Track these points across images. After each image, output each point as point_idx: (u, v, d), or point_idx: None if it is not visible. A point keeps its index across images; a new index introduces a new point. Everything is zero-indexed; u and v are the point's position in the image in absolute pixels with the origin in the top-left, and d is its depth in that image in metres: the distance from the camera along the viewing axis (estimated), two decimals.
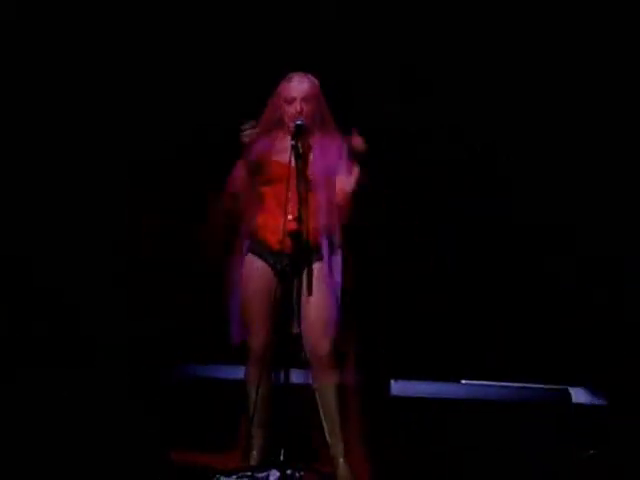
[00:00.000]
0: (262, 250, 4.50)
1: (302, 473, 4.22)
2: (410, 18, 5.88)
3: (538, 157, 5.91)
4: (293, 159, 4.35)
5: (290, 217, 4.36)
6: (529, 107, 5.89)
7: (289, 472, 4.20)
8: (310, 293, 4.32)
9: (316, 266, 4.42)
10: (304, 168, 4.41)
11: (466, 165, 5.97)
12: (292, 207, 4.36)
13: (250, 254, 4.53)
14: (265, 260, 4.50)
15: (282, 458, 4.27)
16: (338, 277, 4.47)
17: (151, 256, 5.96)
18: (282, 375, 4.27)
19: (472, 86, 5.90)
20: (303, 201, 4.34)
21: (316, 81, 4.58)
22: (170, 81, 5.95)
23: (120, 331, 5.77)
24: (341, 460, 4.47)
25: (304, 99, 4.49)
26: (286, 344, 4.38)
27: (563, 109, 5.86)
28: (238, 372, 4.73)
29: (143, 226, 5.94)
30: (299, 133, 4.37)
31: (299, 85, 4.52)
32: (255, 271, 4.52)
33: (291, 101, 4.49)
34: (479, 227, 5.95)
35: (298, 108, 4.48)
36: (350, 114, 4.77)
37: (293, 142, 4.37)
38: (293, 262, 4.37)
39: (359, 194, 4.49)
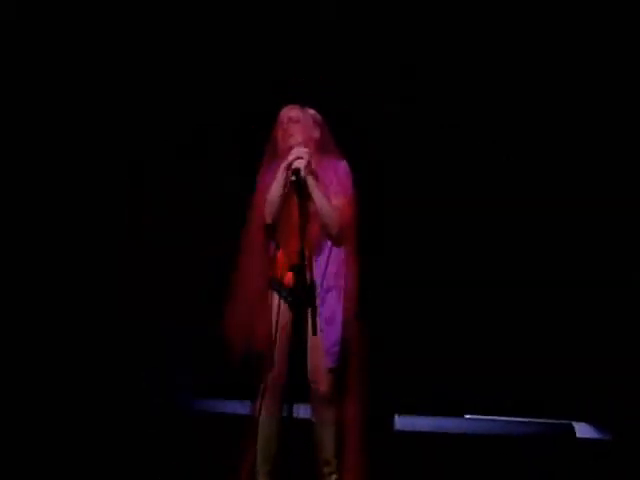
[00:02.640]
0: (276, 285, 4.55)
1: None
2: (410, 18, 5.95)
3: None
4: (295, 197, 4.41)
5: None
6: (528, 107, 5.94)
7: None
8: (315, 333, 4.34)
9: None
10: (304, 203, 4.45)
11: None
12: (294, 242, 4.40)
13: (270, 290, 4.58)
14: (279, 294, 4.55)
15: None
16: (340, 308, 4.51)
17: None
18: (288, 409, 4.28)
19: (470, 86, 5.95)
20: (304, 235, 4.38)
21: (313, 111, 4.63)
22: (170, 82, 5.99)
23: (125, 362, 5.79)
24: None
25: (302, 144, 4.56)
26: (293, 378, 4.39)
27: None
28: (240, 407, 4.75)
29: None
30: (298, 185, 4.43)
31: (297, 114, 4.58)
32: (273, 306, 4.56)
33: (291, 147, 4.56)
34: (480, 258, 5.98)
35: (297, 141, 4.54)
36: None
37: (293, 178, 4.42)
38: (295, 296, 4.40)
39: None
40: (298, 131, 4.56)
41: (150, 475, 4.84)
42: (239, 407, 5.13)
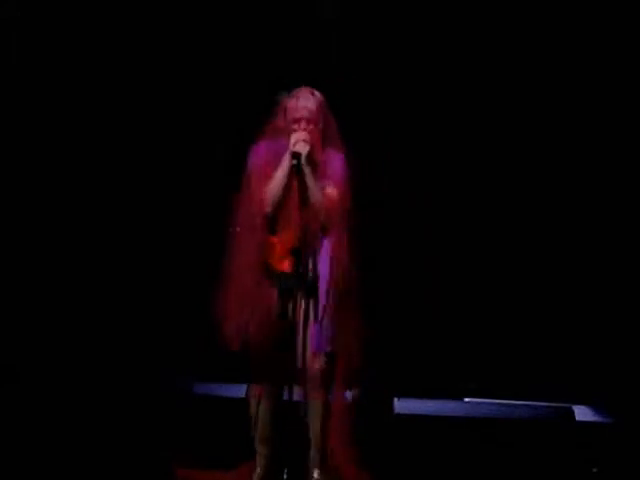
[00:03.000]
0: (271, 271, 4.54)
1: None
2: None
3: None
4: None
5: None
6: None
7: None
8: (316, 318, 4.35)
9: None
10: (303, 189, 4.44)
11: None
12: (291, 228, 4.41)
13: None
14: (275, 280, 4.54)
15: (285, 477, 4.28)
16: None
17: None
18: (286, 393, 4.29)
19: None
20: (304, 220, 4.39)
21: (321, 98, 4.62)
22: (171, 83, 5.98)
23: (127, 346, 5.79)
24: (316, 471, 4.49)
25: (309, 120, 4.54)
26: (291, 362, 4.38)
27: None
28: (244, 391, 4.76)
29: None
30: (298, 168, 4.41)
31: (305, 102, 4.56)
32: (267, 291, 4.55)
33: (296, 121, 4.54)
34: (482, 242, 5.97)
35: (302, 128, 4.52)
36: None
37: (295, 162, 4.40)
38: (292, 281, 4.40)
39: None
40: (305, 117, 4.54)
41: (150, 458, 4.85)
42: (235, 391, 5.16)
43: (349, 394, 4.63)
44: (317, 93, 4.60)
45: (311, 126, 4.51)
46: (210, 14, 6.00)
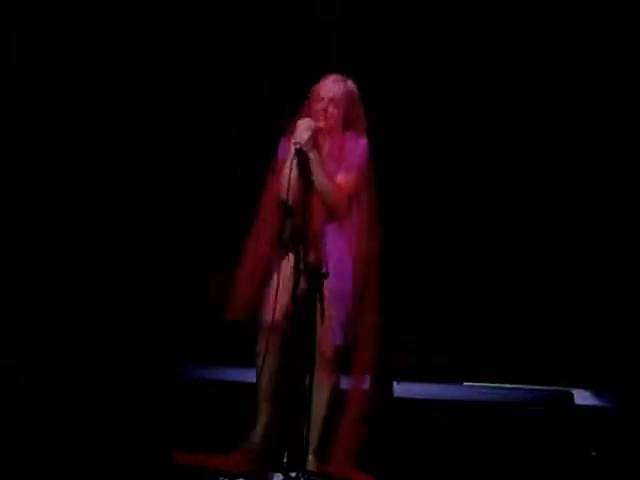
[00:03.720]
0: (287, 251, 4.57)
1: (306, 476, 4.22)
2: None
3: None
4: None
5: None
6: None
7: (293, 475, 4.20)
8: (322, 314, 4.35)
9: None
10: (306, 177, 4.45)
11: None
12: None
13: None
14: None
15: (285, 460, 4.28)
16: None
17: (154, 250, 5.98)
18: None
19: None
20: (306, 208, 4.40)
21: (352, 85, 4.62)
22: (171, 83, 5.97)
23: (125, 331, 5.78)
24: (310, 457, 4.49)
25: (332, 100, 4.55)
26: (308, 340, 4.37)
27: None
28: (243, 375, 4.74)
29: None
30: (299, 157, 4.41)
31: (332, 86, 4.56)
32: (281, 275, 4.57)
33: (319, 100, 4.55)
34: (480, 227, 5.96)
35: (324, 107, 4.52)
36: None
37: (298, 146, 4.40)
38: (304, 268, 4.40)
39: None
40: (328, 97, 4.54)
41: (149, 443, 4.85)
42: (238, 375, 5.16)
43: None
44: (349, 81, 4.61)
45: (331, 108, 4.53)
46: (210, 14, 6.00)
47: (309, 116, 4.51)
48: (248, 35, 5.99)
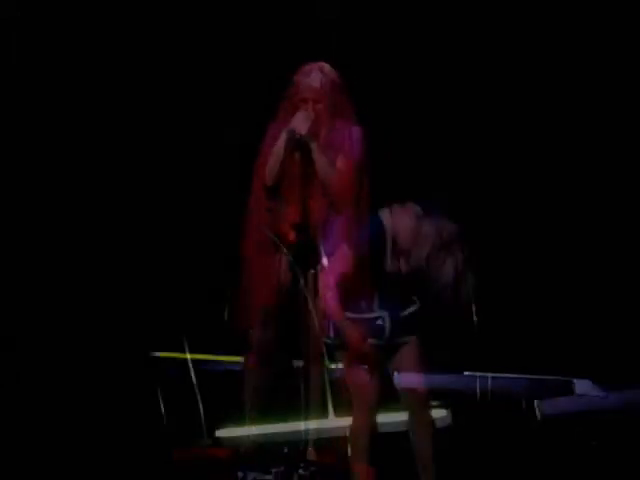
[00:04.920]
0: (278, 241, 4.56)
1: (307, 467, 4.22)
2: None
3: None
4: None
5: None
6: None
7: (294, 466, 4.21)
8: (313, 304, 4.37)
9: None
10: (306, 166, 4.46)
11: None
12: (296, 200, 4.42)
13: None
14: (281, 251, 4.56)
15: (286, 451, 4.29)
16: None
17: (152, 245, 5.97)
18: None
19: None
20: (305, 196, 4.41)
21: (331, 74, 4.61)
22: (172, 82, 5.96)
23: (122, 323, 5.78)
24: (310, 450, 4.49)
25: (316, 100, 4.55)
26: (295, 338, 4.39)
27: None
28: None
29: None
30: (299, 147, 4.42)
31: (310, 83, 4.56)
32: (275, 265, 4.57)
33: (304, 101, 4.55)
34: (482, 216, 5.96)
35: (310, 109, 4.54)
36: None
37: (298, 136, 4.40)
38: (296, 255, 4.40)
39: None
40: (310, 98, 4.54)
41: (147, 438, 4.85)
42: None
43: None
44: (327, 69, 4.60)
45: (318, 105, 4.54)
46: (210, 14, 5.99)
47: (292, 113, 4.51)
48: (248, 35, 6.00)
